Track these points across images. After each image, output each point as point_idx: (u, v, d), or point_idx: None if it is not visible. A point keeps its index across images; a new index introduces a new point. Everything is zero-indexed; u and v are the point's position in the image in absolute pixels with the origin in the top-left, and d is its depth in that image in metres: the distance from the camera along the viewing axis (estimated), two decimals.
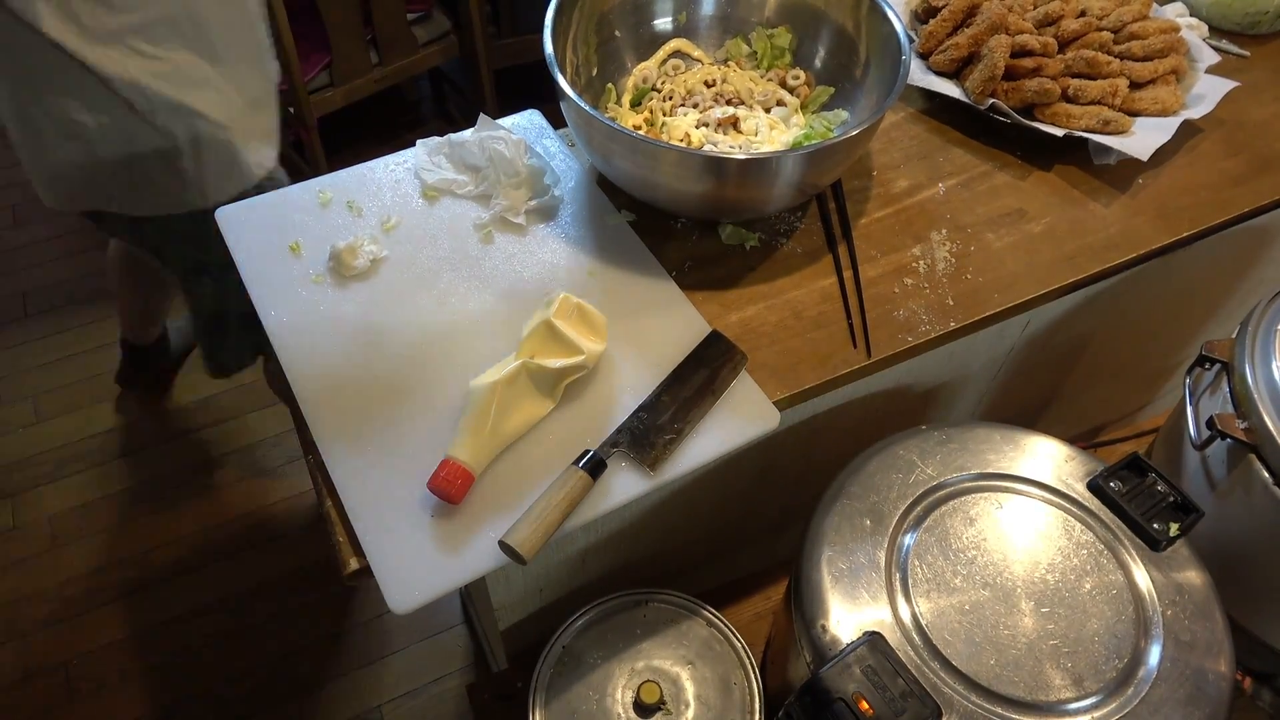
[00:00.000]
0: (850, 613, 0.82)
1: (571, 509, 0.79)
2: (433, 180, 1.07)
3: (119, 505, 1.96)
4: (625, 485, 0.84)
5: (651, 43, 1.18)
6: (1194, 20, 1.32)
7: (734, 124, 1.11)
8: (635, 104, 1.15)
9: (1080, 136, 1.13)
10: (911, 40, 1.27)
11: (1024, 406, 1.46)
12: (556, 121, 1.16)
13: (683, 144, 1.07)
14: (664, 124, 1.10)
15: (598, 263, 1.02)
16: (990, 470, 0.92)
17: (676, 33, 1.19)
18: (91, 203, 1.28)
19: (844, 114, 1.12)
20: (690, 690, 0.97)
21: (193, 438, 2.07)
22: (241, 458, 2.05)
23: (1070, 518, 0.89)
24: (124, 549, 1.89)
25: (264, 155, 1.33)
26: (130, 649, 1.76)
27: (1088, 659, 0.80)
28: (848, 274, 1.04)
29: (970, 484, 0.91)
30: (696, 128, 1.10)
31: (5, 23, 1.05)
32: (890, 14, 1.06)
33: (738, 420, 0.89)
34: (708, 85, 1.16)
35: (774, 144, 1.10)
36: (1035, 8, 1.24)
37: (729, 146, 1.08)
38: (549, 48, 0.99)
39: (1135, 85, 1.18)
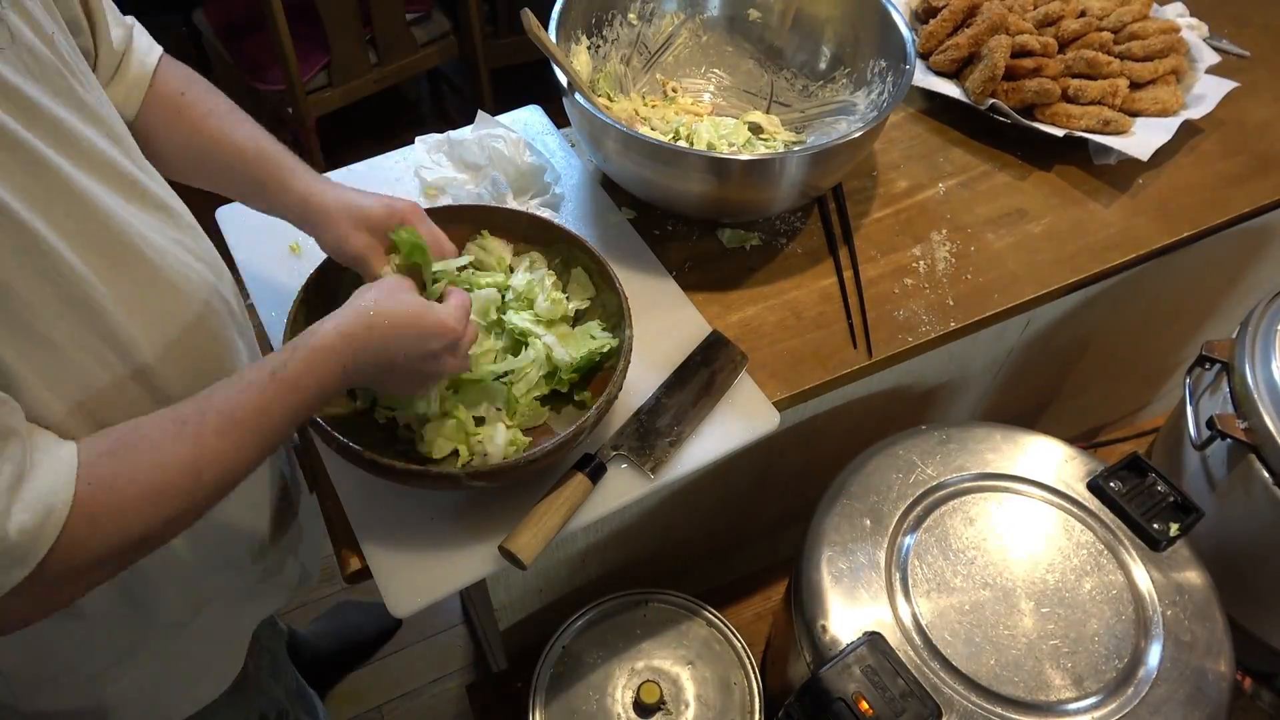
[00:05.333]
0: (850, 613, 0.82)
1: (572, 514, 0.79)
2: (432, 178, 1.07)
3: None
4: (626, 488, 0.84)
5: (644, 43, 1.18)
6: (1194, 20, 1.32)
7: None
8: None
9: (1080, 136, 1.13)
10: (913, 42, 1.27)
11: (1024, 406, 1.46)
12: (555, 117, 1.16)
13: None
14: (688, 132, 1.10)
15: None
16: (990, 470, 0.92)
17: (678, 30, 1.19)
18: None
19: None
20: (690, 690, 0.97)
21: None
22: None
23: (1070, 518, 0.89)
24: None
25: None
26: None
27: (1088, 659, 0.80)
28: (848, 274, 1.04)
29: (970, 484, 0.91)
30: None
31: None
32: (896, 16, 1.05)
33: (738, 421, 0.89)
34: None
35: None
36: (1035, 8, 1.24)
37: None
38: (554, 46, 0.99)
39: (1135, 85, 1.17)
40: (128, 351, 0.64)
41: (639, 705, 0.95)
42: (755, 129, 1.14)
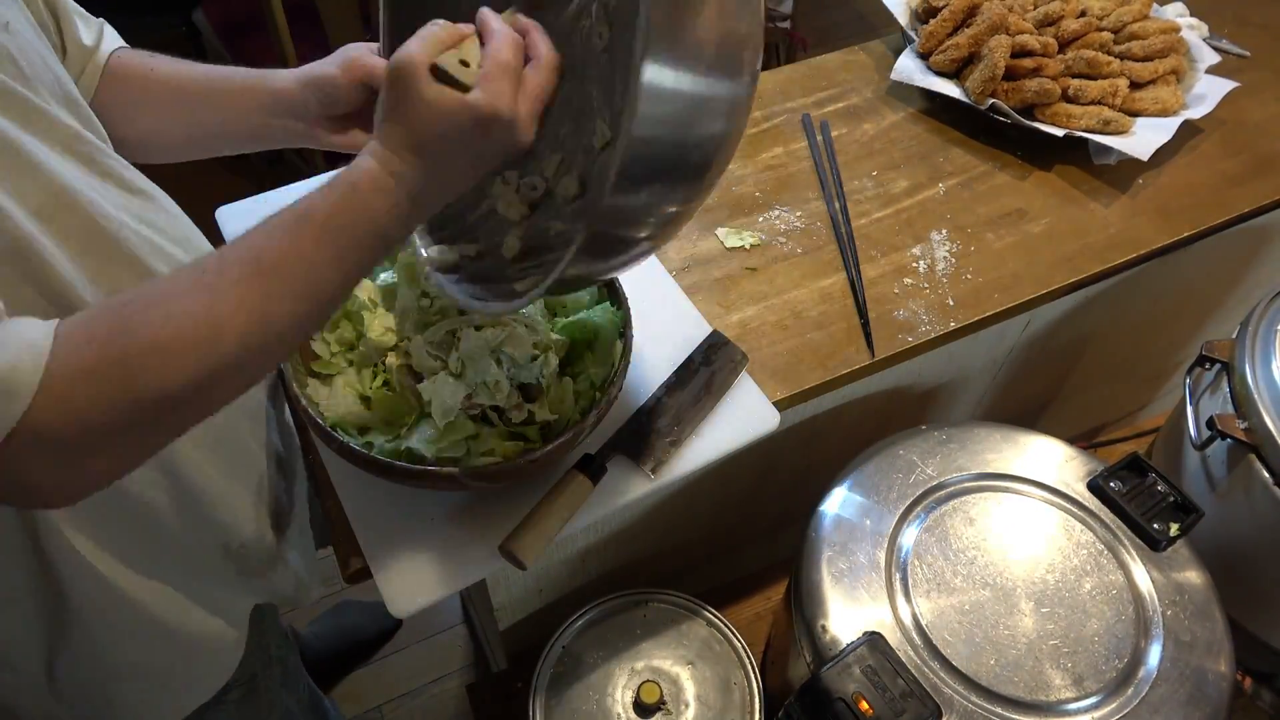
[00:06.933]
0: (850, 613, 0.82)
1: (572, 514, 0.79)
2: None
3: None
4: (625, 488, 0.84)
5: None
6: (1194, 20, 1.32)
7: None
8: None
9: (1080, 136, 1.13)
10: (913, 41, 1.27)
11: (1024, 406, 1.46)
12: None
13: None
14: None
15: None
16: (990, 470, 0.92)
17: None
18: None
19: None
20: (690, 690, 0.97)
21: None
22: None
23: (1070, 518, 0.89)
24: None
25: None
26: None
27: (1088, 659, 0.80)
28: (848, 275, 1.04)
29: (970, 484, 0.91)
30: None
31: None
32: None
33: (738, 421, 0.89)
34: None
35: None
36: (1035, 8, 1.24)
37: None
38: None
39: (1135, 85, 1.18)
40: None
41: (639, 705, 0.95)
42: None
